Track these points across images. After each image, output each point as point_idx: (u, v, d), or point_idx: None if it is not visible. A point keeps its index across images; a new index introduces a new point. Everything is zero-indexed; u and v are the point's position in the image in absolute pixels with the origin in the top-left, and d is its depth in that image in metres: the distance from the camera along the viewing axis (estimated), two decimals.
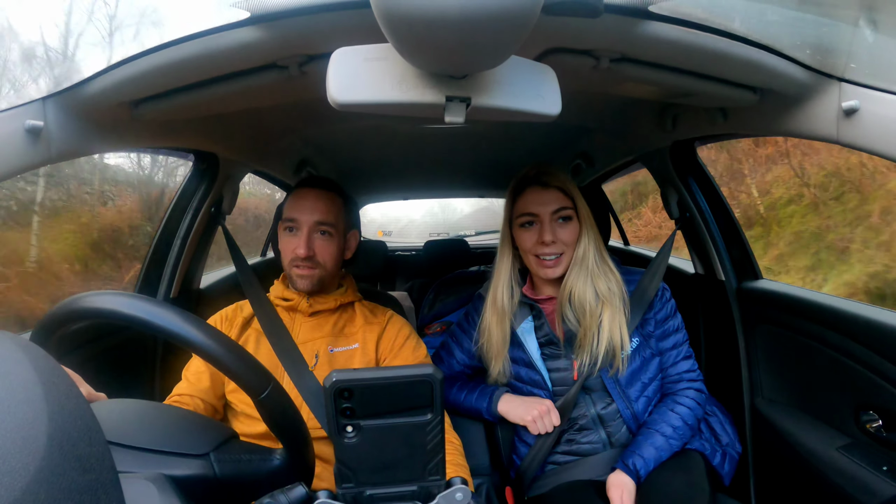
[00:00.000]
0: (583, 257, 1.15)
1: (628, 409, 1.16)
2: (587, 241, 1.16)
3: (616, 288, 1.17)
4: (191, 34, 0.73)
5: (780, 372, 1.37)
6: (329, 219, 1.11)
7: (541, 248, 1.15)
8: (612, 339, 1.12)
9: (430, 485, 0.54)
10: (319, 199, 1.11)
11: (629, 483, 1.05)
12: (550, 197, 1.16)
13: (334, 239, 1.12)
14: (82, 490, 0.29)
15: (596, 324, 1.13)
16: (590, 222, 1.18)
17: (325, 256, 1.11)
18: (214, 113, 1.10)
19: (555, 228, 1.15)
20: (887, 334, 1.03)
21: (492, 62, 0.60)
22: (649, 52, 0.83)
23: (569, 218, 1.16)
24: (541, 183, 1.17)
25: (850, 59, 0.81)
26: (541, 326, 1.22)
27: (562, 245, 1.15)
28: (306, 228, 1.09)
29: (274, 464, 0.61)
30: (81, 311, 0.56)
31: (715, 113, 1.15)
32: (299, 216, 1.09)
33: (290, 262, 1.10)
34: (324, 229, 1.10)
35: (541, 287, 1.25)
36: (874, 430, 1.08)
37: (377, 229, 4.51)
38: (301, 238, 1.08)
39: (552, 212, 1.15)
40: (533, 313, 1.23)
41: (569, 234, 1.16)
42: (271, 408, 0.58)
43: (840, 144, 0.85)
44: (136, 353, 1.38)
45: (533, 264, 1.19)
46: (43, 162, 0.82)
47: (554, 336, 1.20)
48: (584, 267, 1.15)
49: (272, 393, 0.58)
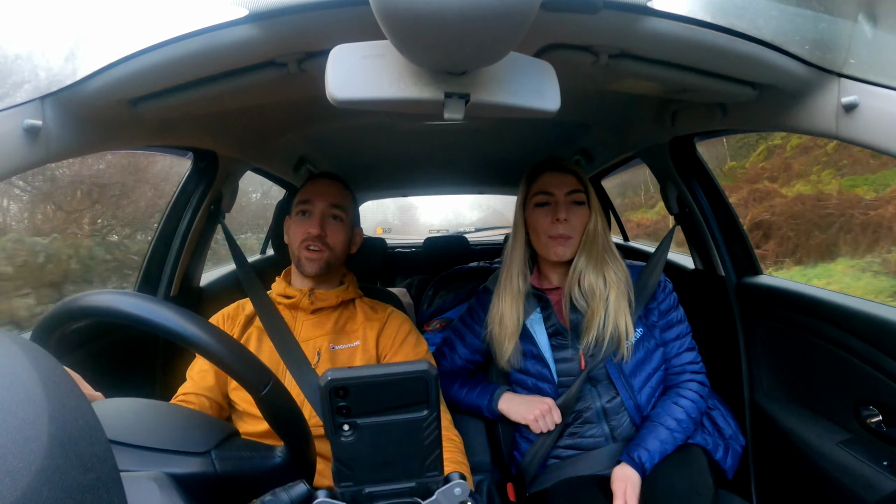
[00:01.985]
0: (592, 242, 1.19)
1: (632, 400, 1.17)
2: (596, 227, 1.20)
3: (622, 275, 1.20)
4: (190, 32, 0.73)
5: (780, 367, 1.37)
6: (341, 202, 1.15)
7: (555, 226, 1.18)
8: (618, 325, 1.15)
9: (429, 481, 0.54)
10: (332, 185, 1.17)
11: (634, 476, 1.05)
12: (565, 179, 1.21)
13: (345, 225, 1.16)
14: (84, 489, 0.29)
15: (604, 306, 1.16)
16: (599, 211, 1.22)
17: (335, 240, 1.14)
18: (213, 111, 1.10)
19: (568, 209, 1.19)
20: (887, 329, 1.04)
21: (491, 58, 0.60)
22: (648, 48, 0.82)
23: (581, 203, 1.20)
24: (556, 167, 1.23)
25: (850, 54, 0.81)
26: (549, 317, 1.23)
27: (572, 227, 1.18)
28: (319, 210, 1.13)
29: (275, 461, 0.61)
30: (82, 309, 0.56)
31: (714, 109, 1.15)
32: (313, 198, 1.14)
33: (301, 245, 1.12)
34: (336, 213, 1.14)
35: (548, 276, 1.27)
36: (874, 426, 1.08)
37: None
38: (314, 219, 1.12)
39: (566, 193, 1.19)
40: (541, 304, 1.24)
41: (580, 218, 1.19)
42: (272, 405, 0.59)
43: (839, 140, 0.85)
44: (137, 353, 1.38)
45: (544, 246, 1.21)
46: (41, 161, 0.82)
47: (561, 326, 1.22)
48: (593, 252, 1.19)
49: (273, 390, 0.58)
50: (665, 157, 1.52)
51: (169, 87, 0.87)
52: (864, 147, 0.82)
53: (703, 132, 1.38)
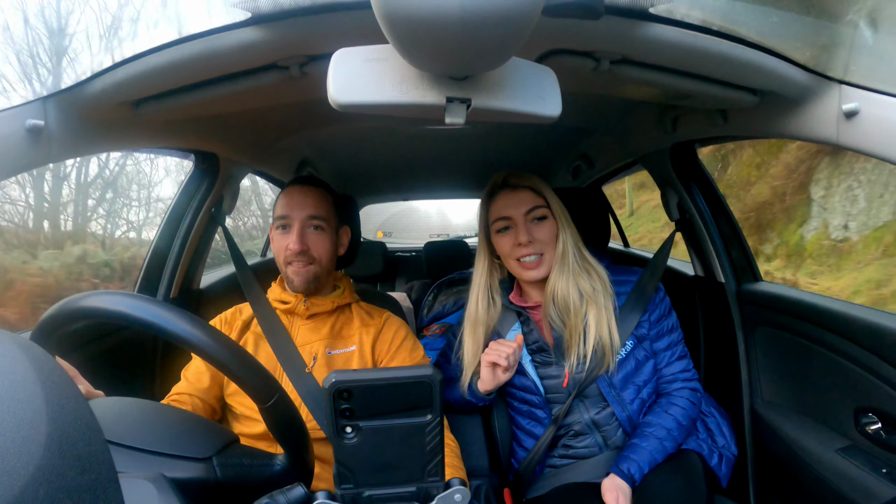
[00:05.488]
0: (563, 255, 1.15)
1: (623, 412, 1.16)
2: (565, 239, 1.16)
3: (600, 286, 1.16)
4: (192, 34, 0.73)
5: (780, 374, 1.37)
6: (320, 213, 1.11)
7: (519, 250, 1.15)
8: (602, 338, 1.12)
9: (429, 486, 0.54)
10: (308, 195, 1.12)
11: (624, 487, 1.05)
12: (521, 198, 1.16)
13: (327, 233, 1.13)
14: (81, 490, 0.28)
15: (581, 323, 1.13)
16: (566, 220, 1.18)
17: (319, 251, 1.11)
18: (215, 113, 1.10)
19: (530, 229, 1.15)
20: (887, 336, 1.03)
21: (492, 63, 0.60)
22: (650, 54, 0.83)
23: (543, 217, 1.16)
24: (510, 186, 1.18)
25: (851, 61, 0.81)
26: (530, 333, 1.21)
27: (540, 245, 1.15)
28: (298, 223, 1.10)
29: (275, 469, 0.62)
30: (86, 310, 0.56)
31: (715, 115, 1.15)
32: (290, 212, 1.10)
33: (285, 261, 1.11)
34: (316, 223, 1.11)
35: (528, 293, 1.24)
36: (873, 433, 1.08)
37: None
38: (294, 233, 1.09)
39: (525, 212, 1.15)
40: (521, 319, 1.22)
41: (545, 232, 1.15)
42: (277, 416, 0.59)
43: (840, 147, 0.85)
44: (136, 354, 1.38)
45: (515, 268, 1.18)
46: (43, 161, 0.82)
47: (544, 343, 1.20)
48: (564, 265, 1.15)
49: (279, 402, 0.58)
50: (666, 162, 1.52)
51: (171, 89, 0.87)
52: (864, 154, 0.82)
53: (704, 138, 1.38)
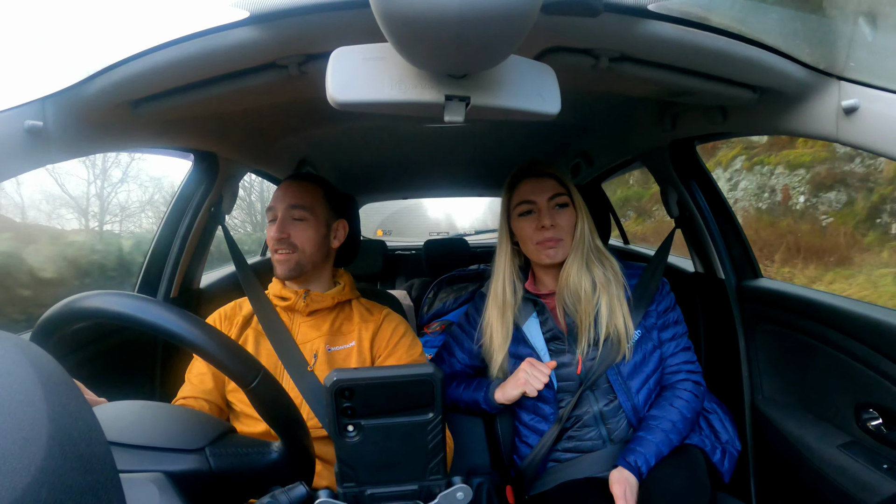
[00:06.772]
0: (580, 243, 1.19)
1: (629, 402, 1.17)
2: (583, 228, 1.20)
3: (612, 275, 1.19)
4: (191, 34, 0.73)
5: (781, 370, 1.37)
6: (301, 202, 1.14)
7: (541, 233, 1.18)
8: (616, 327, 1.14)
9: (431, 484, 0.54)
10: (292, 187, 1.16)
11: (632, 479, 1.05)
12: (546, 184, 1.20)
13: (310, 223, 1.14)
14: (83, 491, 0.29)
15: (593, 310, 1.15)
16: (584, 211, 1.21)
17: (300, 239, 1.12)
18: (214, 112, 1.10)
19: (552, 214, 1.18)
20: (887, 332, 1.03)
21: (491, 61, 0.60)
22: (649, 51, 0.83)
23: (565, 205, 1.20)
24: (535, 173, 1.22)
25: (850, 57, 0.81)
26: (545, 321, 1.23)
27: (560, 230, 1.18)
28: (280, 214, 1.13)
29: (271, 457, 0.60)
30: (79, 311, 0.55)
31: (714, 112, 1.15)
32: (275, 204, 1.15)
33: (271, 250, 1.14)
34: (297, 214, 1.13)
35: (543, 280, 1.26)
36: (874, 429, 1.08)
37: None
38: (277, 223, 1.13)
39: (549, 198, 1.19)
40: (537, 309, 1.24)
41: (566, 219, 1.19)
42: (263, 396, 0.57)
43: (840, 143, 0.85)
44: (137, 355, 1.38)
45: (534, 252, 1.21)
46: (43, 162, 0.82)
47: (558, 330, 1.21)
48: (580, 253, 1.18)
49: (262, 381, 0.56)
50: (665, 160, 1.52)
51: (170, 88, 0.87)
52: (864, 150, 0.82)
53: (704, 135, 1.38)
